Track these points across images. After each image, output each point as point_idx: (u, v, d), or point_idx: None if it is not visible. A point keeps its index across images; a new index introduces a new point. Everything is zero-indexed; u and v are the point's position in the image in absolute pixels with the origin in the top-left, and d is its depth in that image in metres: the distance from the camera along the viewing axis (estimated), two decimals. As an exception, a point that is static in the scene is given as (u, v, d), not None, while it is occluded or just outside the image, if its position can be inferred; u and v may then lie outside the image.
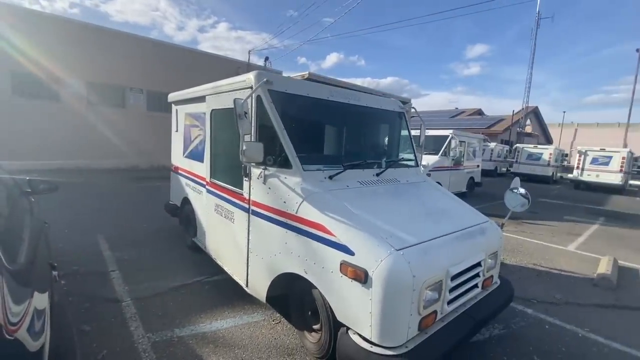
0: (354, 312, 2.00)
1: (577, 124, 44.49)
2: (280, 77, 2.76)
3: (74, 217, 5.99)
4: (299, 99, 2.83)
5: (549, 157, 18.25)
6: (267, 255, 2.65)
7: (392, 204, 2.63)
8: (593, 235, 7.11)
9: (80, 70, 12.24)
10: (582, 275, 4.69)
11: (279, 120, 2.57)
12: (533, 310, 3.54)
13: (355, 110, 3.29)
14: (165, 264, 4.18)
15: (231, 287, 3.42)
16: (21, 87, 11.27)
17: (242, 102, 2.37)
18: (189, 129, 4.39)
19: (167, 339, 2.67)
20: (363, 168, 2.98)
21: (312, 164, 2.67)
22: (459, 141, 9.90)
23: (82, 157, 12.40)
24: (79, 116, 12.32)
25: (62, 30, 11.83)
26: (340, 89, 3.19)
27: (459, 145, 9.80)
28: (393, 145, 3.75)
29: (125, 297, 3.31)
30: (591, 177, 15.90)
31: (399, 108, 3.76)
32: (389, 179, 3.08)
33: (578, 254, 5.72)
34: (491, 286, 2.81)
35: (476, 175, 11.63)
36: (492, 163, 20.91)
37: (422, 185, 3.24)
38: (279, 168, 2.60)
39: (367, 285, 1.89)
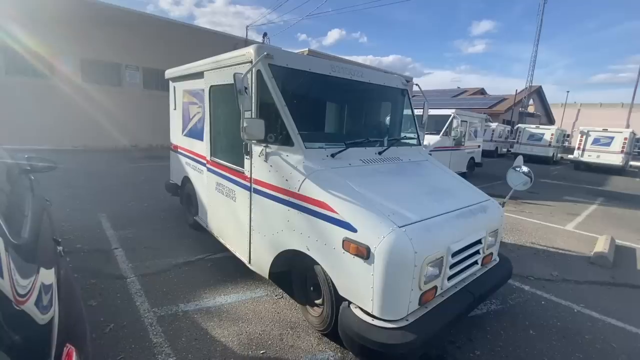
0: (356, 287, 2.03)
1: (580, 104, 43.88)
2: (281, 51, 2.67)
3: (74, 197, 6.00)
4: (301, 74, 2.75)
5: (551, 137, 18.13)
6: (270, 233, 2.66)
7: (394, 182, 2.62)
8: (591, 215, 7.17)
9: (74, 47, 11.90)
10: (579, 253, 4.76)
11: (280, 96, 2.51)
12: (530, 286, 3.62)
13: (358, 86, 3.22)
14: (167, 242, 4.22)
15: (234, 265, 3.47)
16: (14, 66, 10.99)
17: (242, 77, 2.30)
18: (187, 107, 4.32)
19: (173, 314, 2.73)
20: (365, 146, 2.95)
21: (314, 142, 2.64)
22: (461, 121, 9.74)
23: (79, 137, 12.28)
24: (73, 95, 12.09)
25: (55, 6, 11.40)
26: (342, 64, 3.10)
27: (460, 125, 9.66)
28: (396, 124, 3.69)
29: (129, 274, 3.36)
30: (592, 157, 15.85)
31: (402, 85, 3.68)
32: (391, 157, 3.05)
33: (576, 233, 5.79)
34: (490, 263, 2.85)
35: (477, 155, 11.53)
36: (493, 143, 20.78)
37: (424, 164, 3.21)
38: (280, 146, 2.57)
39: (370, 261, 1.91)
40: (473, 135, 11.07)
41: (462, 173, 10.25)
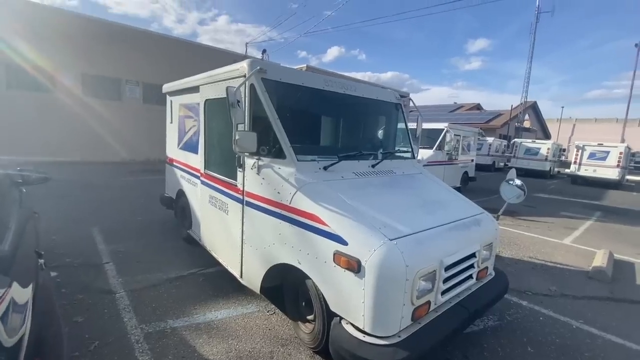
0: (346, 302, 1.99)
1: (575, 120, 44.49)
2: (274, 66, 2.71)
3: (69, 210, 5.95)
4: (294, 88, 2.78)
5: (547, 152, 18.27)
6: (261, 246, 2.63)
7: (387, 195, 2.61)
8: (589, 230, 7.14)
9: (76, 62, 12.08)
10: (577, 268, 4.70)
11: (273, 110, 2.52)
12: (528, 302, 3.55)
13: (351, 100, 3.25)
14: (160, 256, 4.15)
15: (226, 279, 3.40)
16: (16, 80, 11.12)
17: (234, 90, 2.32)
18: (183, 120, 4.34)
19: (161, 330, 2.65)
20: (358, 159, 2.95)
21: (306, 155, 2.64)
22: (454, 135, 9.72)
23: (77, 150, 12.29)
24: (73, 109, 12.20)
25: (57, 22, 11.64)
26: (336, 79, 3.14)
27: (453, 139, 9.66)
28: (389, 137, 3.71)
29: (119, 288, 3.29)
30: (588, 172, 15.93)
31: (396, 99, 3.72)
32: (385, 170, 3.05)
33: (574, 247, 5.74)
34: (486, 278, 2.80)
35: (470, 169, 11.44)
36: (490, 158, 20.91)
37: (417, 177, 3.21)
38: (273, 158, 2.57)
39: (360, 274, 1.88)
40: (466, 149, 11.03)
41: (456, 187, 10.20)
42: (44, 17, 11.36)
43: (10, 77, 10.99)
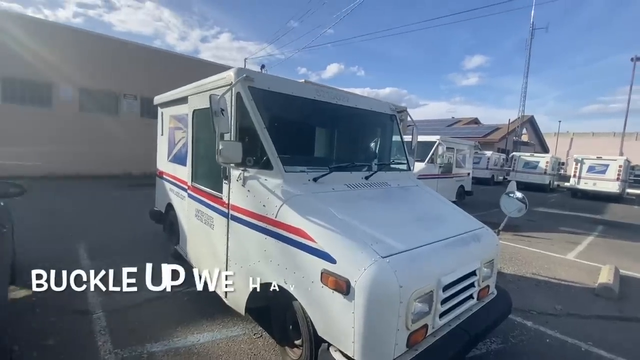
0: (335, 327, 1.81)
1: (572, 134, 44.71)
2: (262, 75, 2.62)
3: (57, 225, 5.77)
4: (283, 97, 2.67)
5: (546, 165, 18.21)
6: (246, 264, 2.46)
7: (380, 209, 2.46)
8: (592, 244, 6.95)
9: (73, 76, 12.12)
10: (583, 284, 4.50)
11: (260, 119, 2.41)
12: (533, 322, 3.35)
13: (344, 111, 3.14)
14: (142, 274, 3.95)
15: (211, 298, 3.19)
16: (12, 93, 11.12)
17: (217, 99, 2.21)
18: (173, 132, 4.23)
19: (137, 355, 2.45)
20: (351, 171, 2.82)
21: (295, 166, 2.51)
22: (447, 147, 9.46)
23: (74, 164, 12.16)
24: (71, 122, 12.15)
25: (55, 36, 11.74)
26: (328, 89, 3.04)
27: (446, 151, 9.40)
28: (384, 149, 3.59)
29: (97, 309, 3.09)
30: (588, 185, 15.82)
31: (390, 110, 3.62)
32: (379, 182, 2.91)
33: (578, 262, 5.54)
34: (487, 297, 2.62)
35: (466, 183, 11.13)
36: (489, 171, 20.84)
37: (413, 189, 3.07)
38: (259, 169, 2.43)
39: (349, 296, 1.71)
40: (462, 162, 10.76)
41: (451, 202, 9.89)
42: (41, 31, 11.45)
43: (6, 90, 10.98)
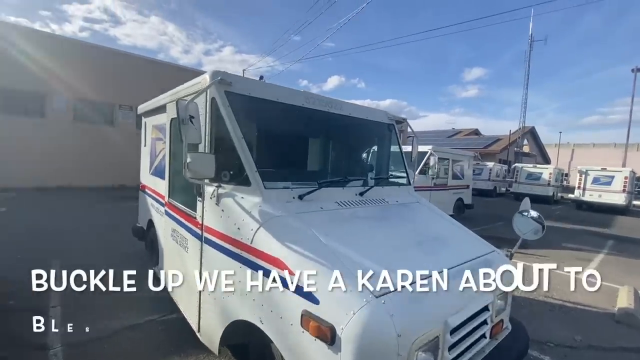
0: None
1: (573, 144, 44.52)
2: (242, 78, 2.33)
3: (34, 241, 5.42)
4: (267, 103, 2.37)
5: (549, 176, 17.87)
6: (221, 297, 2.11)
7: (375, 231, 2.13)
8: (604, 262, 6.55)
9: (68, 86, 11.96)
10: (600, 309, 4.11)
11: (237, 128, 2.10)
12: (550, 357, 2.96)
13: (337, 119, 2.84)
14: (119, 298, 3.57)
15: (188, 329, 2.83)
16: (4, 104, 10.93)
17: (185, 104, 1.91)
18: (154, 143, 3.93)
19: (90, 405, 2.08)
20: (343, 186, 2.50)
21: (278, 181, 2.19)
22: (441, 158, 8.92)
23: (65, 176, 11.88)
24: (64, 133, 11.92)
25: (48, 46, 11.62)
26: (320, 96, 2.75)
27: (437, 162, 8.92)
28: (381, 161, 3.28)
29: (56, 342, 2.72)
30: (593, 197, 15.44)
31: (388, 119, 3.32)
32: (375, 199, 2.58)
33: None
34: (501, 333, 2.25)
35: (466, 196, 10.52)
36: (491, 183, 20.49)
37: (414, 206, 2.74)
38: (236, 186, 2.11)
39: (335, 347, 1.36)
40: (459, 174, 10.21)
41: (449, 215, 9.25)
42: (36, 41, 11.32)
43: (1, 101, 10.80)
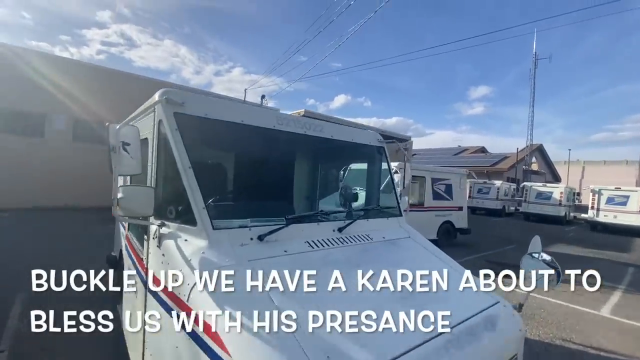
0: None
1: (584, 162, 43.57)
2: (199, 97, 2.02)
3: (1, 269, 5.09)
4: (229, 126, 2.05)
5: (560, 196, 17.21)
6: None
7: (350, 283, 1.73)
8: (627, 294, 5.94)
9: (68, 106, 12.00)
10: (630, 357, 3.56)
11: (184, 155, 1.76)
12: None
13: (316, 143, 2.52)
14: (78, 342, 3.18)
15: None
16: (4, 123, 10.97)
17: (116, 130, 1.59)
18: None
19: None
20: (319, 221, 2.13)
21: (234, 218, 1.84)
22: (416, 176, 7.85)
23: (60, 196, 11.72)
24: (63, 153, 11.87)
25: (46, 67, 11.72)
26: (295, 117, 2.43)
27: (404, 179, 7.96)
28: (370, 189, 2.91)
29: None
30: (608, 218, 14.74)
31: (378, 142, 2.97)
32: (357, 235, 2.20)
33: (616, 321, 4.58)
34: (512, 409, 1.80)
35: (457, 219, 9.19)
36: (500, 202, 19.85)
37: (402, 243, 2.34)
38: (180, 225, 1.76)
39: None
40: (444, 194, 9.00)
41: (432, 240, 8.48)
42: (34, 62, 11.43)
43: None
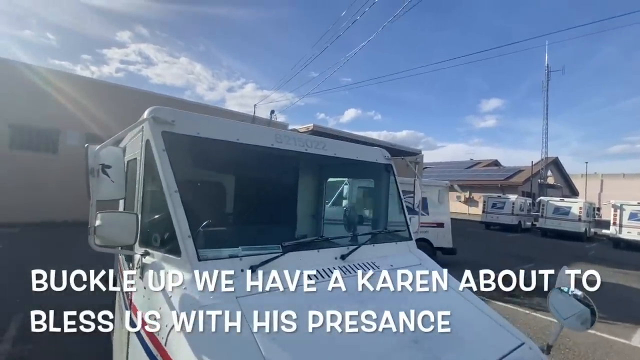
0: None
1: (602, 175, 42.17)
2: (190, 115, 1.90)
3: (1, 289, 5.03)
4: (223, 146, 1.92)
5: (580, 211, 16.50)
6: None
7: (354, 323, 1.53)
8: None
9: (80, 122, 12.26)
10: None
11: (171, 178, 1.63)
12: None
13: (318, 162, 2.37)
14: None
15: None
16: (20, 140, 11.28)
17: (95, 151, 1.47)
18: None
19: None
20: (319, 248, 1.95)
21: (227, 245, 1.67)
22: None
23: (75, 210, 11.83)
24: (73, 168, 12.07)
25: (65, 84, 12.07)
26: (292, 133, 2.29)
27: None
28: (377, 210, 2.73)
29: None
30: (632, 234, 14.00)
31: (385, 159, 2.80)
32: (362, 264, 2.01)
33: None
34: None
35: (434, 237, 7.95)
36: (515, 217, 19.17)
37: (413, 273, 2.12)
38: (164, 254, 1.60)
39: None
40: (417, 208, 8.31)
41: None
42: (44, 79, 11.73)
43: (14, 136, 11.13)
